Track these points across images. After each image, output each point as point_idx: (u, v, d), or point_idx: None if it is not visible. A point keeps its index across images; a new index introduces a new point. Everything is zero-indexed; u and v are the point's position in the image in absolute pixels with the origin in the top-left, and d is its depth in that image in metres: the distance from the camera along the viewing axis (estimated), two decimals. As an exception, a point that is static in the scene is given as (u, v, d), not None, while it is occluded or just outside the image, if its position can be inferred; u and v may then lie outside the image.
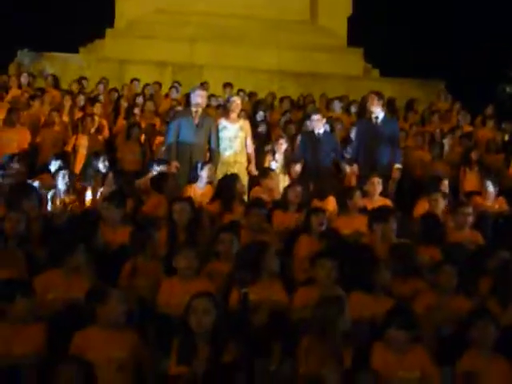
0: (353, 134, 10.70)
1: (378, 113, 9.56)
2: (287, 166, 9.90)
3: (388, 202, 8.40)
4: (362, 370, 4.15)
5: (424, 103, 14.81)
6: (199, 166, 8.73)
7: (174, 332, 4.80)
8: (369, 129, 9.55)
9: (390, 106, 13.07)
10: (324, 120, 10.10)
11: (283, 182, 9.50)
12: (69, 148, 10.70)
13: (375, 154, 9.36)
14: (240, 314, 5.19)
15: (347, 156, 10.15)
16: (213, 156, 9.24)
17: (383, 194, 8.61)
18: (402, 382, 4.73)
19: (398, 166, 9.38)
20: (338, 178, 9.97)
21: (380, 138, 9.37)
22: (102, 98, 13.12)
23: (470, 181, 10.17)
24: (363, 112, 11.89)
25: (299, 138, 10.28)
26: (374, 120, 9.56)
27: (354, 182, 9.53)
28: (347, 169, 9.80)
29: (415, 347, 4.88)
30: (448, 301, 5.67)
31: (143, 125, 11.48)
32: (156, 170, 8.74)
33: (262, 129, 11.60)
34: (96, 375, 3.99)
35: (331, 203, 8.39)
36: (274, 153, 10.07)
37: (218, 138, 9.34)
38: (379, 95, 9.70)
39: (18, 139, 10.32)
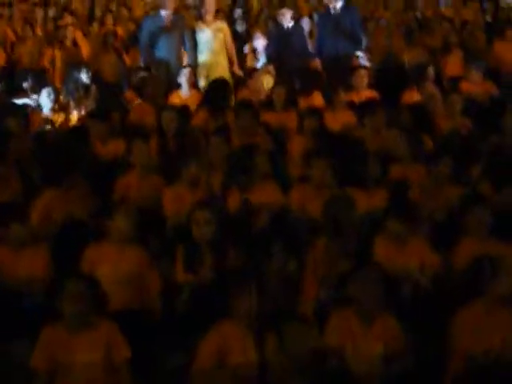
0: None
1: (335, 2, 9.35)
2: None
3: (375, 94, 8.35)
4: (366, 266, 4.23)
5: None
6: (178, 71, 8.63)
7: (178, 240, 4.88)
8: (328, 21, 9.34)
9: None
10: (290, 13, 9.82)
11: (267, 80, 9.38)
12: (45, 62, 10.42)
13: (338, 46, 9.22)
14: (241, 218, 5.23)
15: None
16: (190, 59, 9.09)
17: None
18: (404, 272, 4.83)
19: (359, 53, 9.27)
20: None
21: (341, 28, 9.21)
22: (75, 7, 12.71)
23: (452, 65, 10.00)
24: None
25: (269, 34, 10.08)
26: (332, 11, 9.38)
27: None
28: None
29: (415, 237, 4.98)
30: (442, 189, 5.74)
31: (119, 32, 11.20)
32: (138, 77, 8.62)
33: (240, 28, 11.35)
34: (105, 291, 4.04)
35: (317, 99, 8.34)
36: (255, 51, 9.89)
37: (193, 40, 9.14)
38: None
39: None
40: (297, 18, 10.70)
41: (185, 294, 4.57)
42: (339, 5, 9.29)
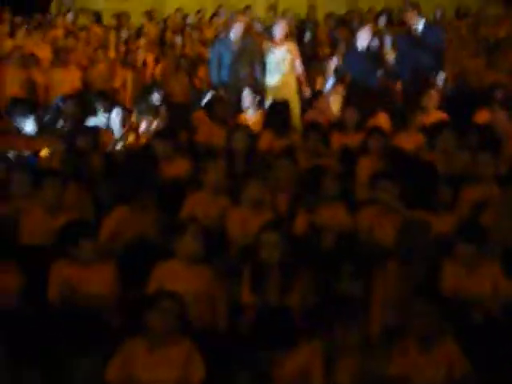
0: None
1: (417, 22, 9.23)
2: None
3: (444, 116, 8.24)
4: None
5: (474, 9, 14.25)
6: (244, 93, 8.71)
7: (244, 261, 4.88)
8: (410, 41, 9.25)
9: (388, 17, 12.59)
10: (369, 33, 9.78)
11: (337, 102, 9.35)
12: (117, 84, 10.67)
13: (420, 67, 9.11)
14: (309, 240, 5.20)
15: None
16: (258, 81, 9.17)
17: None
18: (474, 298, 4.71)
19: (443, 75, 9.17)
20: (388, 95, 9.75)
21: (423, 48, 9.09)
22: (147, 31, 13.00)
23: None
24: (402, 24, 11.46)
25: (343, 55, 10.05)
26: (413, 31, 9.26)
27: (399, 98, 9.31)
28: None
29: (487, 261, 4.86)
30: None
31: (190, 55, 11.39)
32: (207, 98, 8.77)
33: (309, 49, 11.37)
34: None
35: (383, 120, 8.27)
36: (325, 74, 9.88)
37: (262, 63, 9.24)
38: (413, 4, 9.42)
39: (70, 79, 10.27)
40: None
41: (250, 315, 4.56)
42: (421, 24, 9.25)
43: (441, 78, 9.19)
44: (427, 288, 4.47)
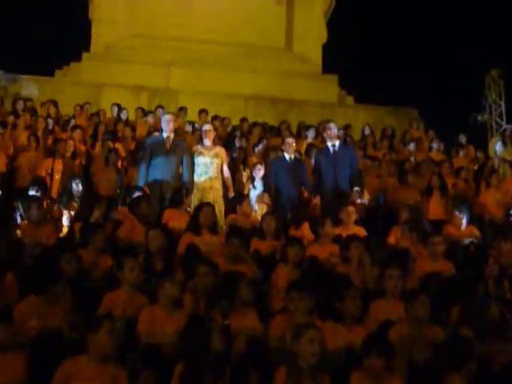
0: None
1: (335, 141, 9.83)
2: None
3: (362, 230, 8.54)
4: None
5: (397, 130, 15.03)
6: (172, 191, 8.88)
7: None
8: (327, 157, 9.75)
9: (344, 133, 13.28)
10: (294, 146, 10.22)
11: (262, 208, 9.61)
12: (42, 172, 10.57)
13: (336, 181, 9.55)
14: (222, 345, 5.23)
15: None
16: (186, 181, 9.34)
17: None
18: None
19: (357, 188, 9.64)
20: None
21: (339, 164, 9.59)
22: (79, 122, 13.13)
23: (433, 208, 10.19)
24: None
25: (271, 164, 10.41)
26: (331, 148, 9.79)
27: (318, 211, 9.61)
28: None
29: (392, 375, 4.99)
30: (421, 330, 5.76)
31: (121, 150, 11.53)
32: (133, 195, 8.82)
33: (237, 155, 11.70)
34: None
35: (307, 230, 8.52)
36: (253, 179, 10.17)
37: (191, 163, 9.44)
38: (335, 124, 10.05)
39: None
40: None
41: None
42: (337, 143, 9.82)
43: (358, 192, 9.59)
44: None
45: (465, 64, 18.23)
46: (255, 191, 10.03)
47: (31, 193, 8.76)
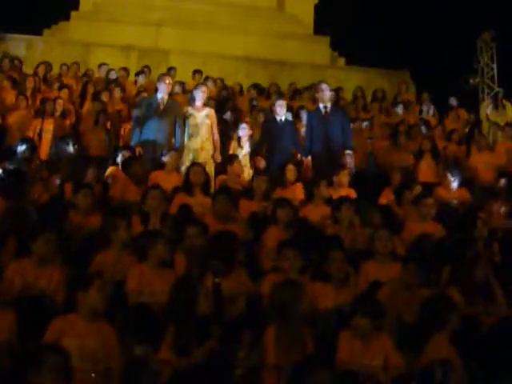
0: None
1: (327, 103, 9.73)
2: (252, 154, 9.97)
3: (352, 192, 8.56)
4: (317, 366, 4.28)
5: (389, 93, 14.96)
6: (163, 152, 8.89)
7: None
8: (319, 119, 9.69)
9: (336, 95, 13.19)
10: (285, 107, 10.15)
11: (249, 168, 9.59)
12: (31, 133, 10.47)
13: (327, 143, 9.51)
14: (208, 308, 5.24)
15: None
16: (178, 142, 9.34)
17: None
18: (367, 370, 4.85)
19: (348, 151, 9.58)
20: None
21: (331, 126, 9.54)
22: (66, 81, 12.97)
23: (424, 170, 10.23)
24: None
25: (262, 126, 10.36)
26: (323, 110, 9.71)
27: (309, 172, 9.60)
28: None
29: (380, 335, 5.03)
30: (411, 291, 5.79)
31: (110, 111, 11.43)
32: (123, 155, 8.79)
33: (228, 116, 11.63)
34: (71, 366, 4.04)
35: (298, 190, 8.51)
36: (239, 139, 10.12)
37: (183, 125, 9.42)
38: (328, 86, 9.91)
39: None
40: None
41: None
42: (329, 104, 9.72)
43: (350, 155, 9.56)
44: (322, 358, 4.59)
45: (457, 27, 18.08)
46: (242, 151, 9.99)
47: (20, 150, 8.66)
